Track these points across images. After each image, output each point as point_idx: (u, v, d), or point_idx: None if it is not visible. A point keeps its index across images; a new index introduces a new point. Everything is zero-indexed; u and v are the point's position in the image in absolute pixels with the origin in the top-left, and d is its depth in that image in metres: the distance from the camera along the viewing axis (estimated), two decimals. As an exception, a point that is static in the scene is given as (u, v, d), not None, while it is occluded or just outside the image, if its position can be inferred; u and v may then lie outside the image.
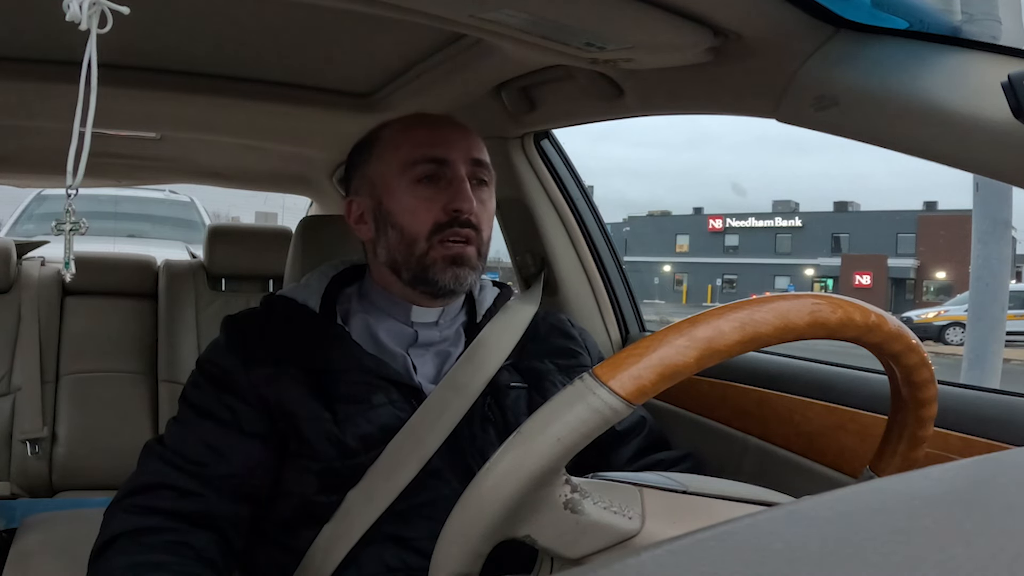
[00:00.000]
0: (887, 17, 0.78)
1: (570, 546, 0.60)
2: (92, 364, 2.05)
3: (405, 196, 0.95)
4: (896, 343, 0.62)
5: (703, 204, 49.94)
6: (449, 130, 0.99)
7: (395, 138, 0.99)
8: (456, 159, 0.95)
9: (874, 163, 76.59)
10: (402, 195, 0.95)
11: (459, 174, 0.95)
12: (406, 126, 1.00)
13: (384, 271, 0.99)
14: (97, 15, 0.57)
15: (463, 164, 0.96)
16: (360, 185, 1.01)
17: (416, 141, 0.96)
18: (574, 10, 0.84)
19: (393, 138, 0.99)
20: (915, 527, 0.29)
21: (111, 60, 1.22)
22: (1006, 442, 0.79)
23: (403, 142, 0.97)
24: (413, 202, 0.95)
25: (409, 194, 0.95)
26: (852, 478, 0.92)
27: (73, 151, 0.61)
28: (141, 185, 4.12)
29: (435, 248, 0.94)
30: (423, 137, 0.97)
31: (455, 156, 0.95)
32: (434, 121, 1.01)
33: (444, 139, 0.97)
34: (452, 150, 0.96)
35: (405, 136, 0.98)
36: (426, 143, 0.96)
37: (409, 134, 0.98)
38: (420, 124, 1.00)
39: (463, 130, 0.99)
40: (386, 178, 0.97)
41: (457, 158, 0.95)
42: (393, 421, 0.90)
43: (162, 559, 0.81)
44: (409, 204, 0.95)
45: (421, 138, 0.97)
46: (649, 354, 0.55)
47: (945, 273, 31.89)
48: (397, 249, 0.96)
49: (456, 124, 1.00)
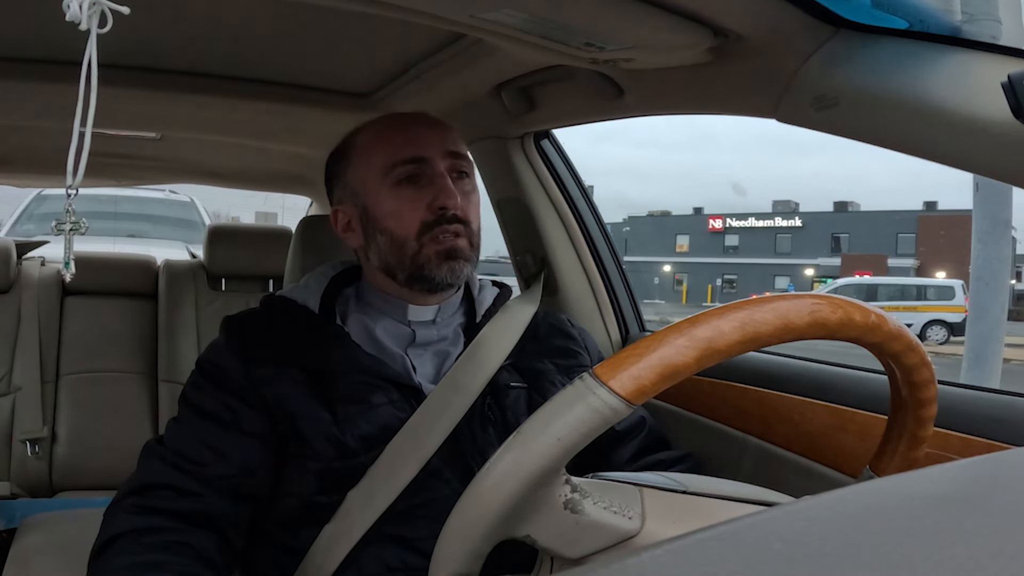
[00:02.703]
0: (887, 17, 0.78)
1: (570, 546, 0.60)
2: (92, 364, 2.05)
3: (388, 200, 0.95)
4: (896, 343, 0.62)
5: (703, 204, 49.97)
6: (423, 127, 0.98)
7: (370, 143, 0.98)
8: (434, 156, 0.95)
9: (874, 163, 76.67)
10: (385, 199, 0.95)
11: (439, 170, 0.95)
12: (380, 129, 0.99)
13: (379, 274, 0.99)
14: (97, 15, 0.57)
15: (441, 159, 0.95)
16: (343, 194, 1.01)
17: (392, 143, 0.96)
18: (574, 10, 0.84)
19: (368, 143, 0.98)
20: (915, 527, 0.29)
21: (111, 60, 1.22)
22: (1006, 442, 0.79)
23: (379, 146, 0.97)
24: (397, 205, 0.95)
25: (392, 197, 0.95)
26: (852, 478, 0.92)
27: (73, 151, 0.61)
28: (141, 185, 4.13)
29: (427, 246, 0.94)
30: (398, 138, 0.96)
31: (432, 153, 0.95)
32: (407, 120, 1.00)
33: (419, 137, 0.96)
34: (428, 147, 0.95)
35: (380, 140, 0.98)
36: (402, 144, 0.95)
37: (384, 137, 0.98)
38: (393, 125, 1.00)
39: (437, 125, 0.99)
40: (367, 184, 0.97)
41: (435, 155, 0.95)
42: (393, 421, 0.90)
43: (161, 559, 0.81)
44: (394, 207, 0.95)
45: (396, 140, 0.96)
46: (649, 354, 0.55)
47: (945, 273, 31.87)
48: (389, 253, 0.96)
49: (430, 119, 1.00)
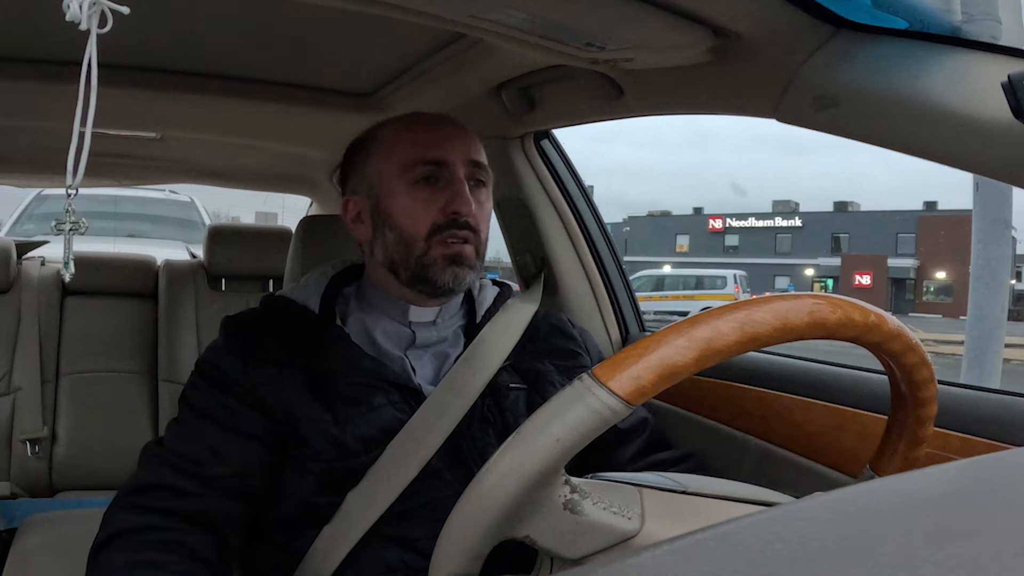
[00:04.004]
0: (887, 17, 0.78)
1: (570, 546, 0.60)
2: (92, 364, 2.05)
3: (403, 197, 0.95)
4: (895, 343, 0.62)
5: (703, 204, 49.88)
6: (448, 131, 0.98)
7: (393, 138, 0.98)
8: (455, 161, 0.95)
9: (874, 163, 76.65)
10: (400, 196, 0.95)
11: (457, 176, 0.95)
12: (404, 126, 0.99)
13: (381, 271, 0.99)
14: (97, 15, 0.57)
15: (461, 166, 0.95)
16: (357, 184, 1.01)
17: (414, 142, 0.96)
18: (574, 10, 0.84)
19: (391, 138, 0.98)
20: (915, 527, 0.29)
21: (111, 60, 1.22)
22: (1006, 442, 0.79)
23: (401, 143, 0.97)
24: (411, 204, 0.94)
25: (407, 195, 0.95)
26: (852, 478, 0.92)
27: (73, 151, 0.61)
28: (141, 185, 4.12)
29: (434, 248, 0.94)
30: (422, 138, 0.96)
31: (453, 158, 0.95)
32: (432, 121, 1.00)
33: (443, 140, 0.96)
34: (451, 152, 0.95)
35: (403, 137, 0.97)
36: (424, 144, 0.95)
37: (407, 134, 0.97)
38: (418, 124, 0.99)
39: (462, 131, 0.99)
40: (384, 178, 0.97)
41: (456, 160, 0.95)
42: (393, 422, 0.90)
43: (159, 558, 0.81)
44: (407, 206, 0.95)
45: (420, 139, 0.96)
46: (648, 355, 0.55)
47: (945, 273, 31.88)
48: (395, 250, 0.96)
49: (455, 124, 1.00)
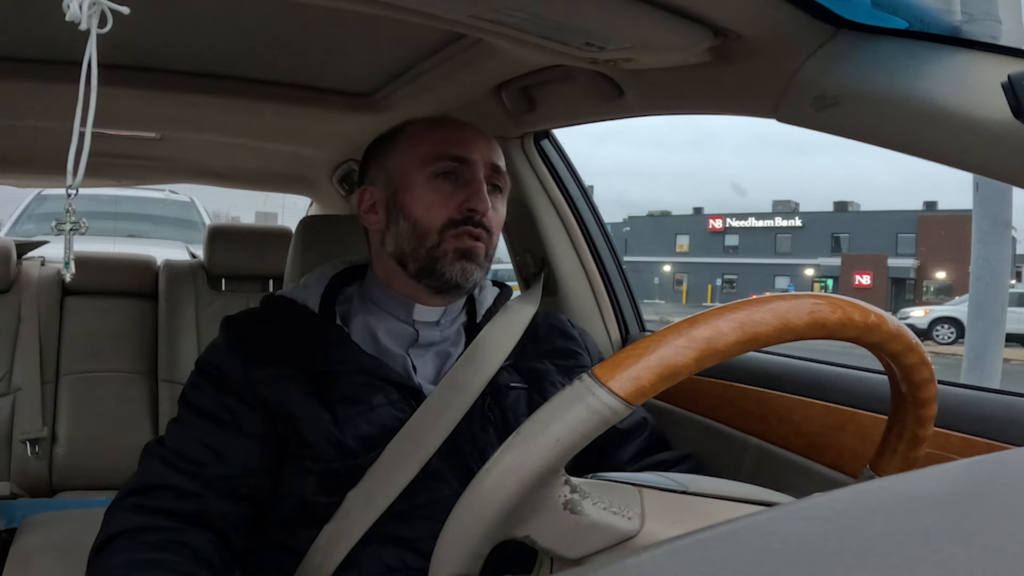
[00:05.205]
0: (887, 17, 0.78)
1: (570, 546, 0.60)
2: (92, 364, 2.05)
3: (423, 189, 0.96)
4: (895, 343, 0.62)
5: (703, 204, 50.01)
6: (473, 133, 1.01)
7: (421, 133, 1.00)
8: (477, 160, 0.97)
9: (874, 163, 76.71)
10: (420, 188, 0.97)
11: (478, 175, 0.97)
12: (431, 124, 1.02)
13: (390, 263, 1.00)
14: (97, 15, 0.57)
15: (483, 167, 0.97)
16: (376, 175, 1.02)
17: (441, 138, 0.98)
18: (574, 10, 0.84)
19: (418, 133, 1.01)
20: (915, 527, 0.29)
21: (111, 60, 1.22)
22: (1006, 442, 0.79)
23: (429, 137, 0.99)
24: (430, 196, 0.96)
25: (427, 188, 0.96)
26: (852, 478, 0.92)
27: (73, 151, 0.61)
28: (141, 185, 4.12)
29: (447, 241, 0.95)
30: (447, 135, 0.99)
31: (476, 158, 0.97)
32: (460, 123, 1.03)
33: (468, 140, 0.98)
34: (474, 151, 0.97)
35: (431, 133, 1.00)
36: (450, 141, 0.98)
37: (434, 131, 1.00)
38: (447, 123, 1.03)
39: (486, 136, 1.02)
40: (405, 170, 0.98)
41: (478, 160, 0.97)
42: (393, 422, 0.90)
43: (159, 557, 0.81)
44: (426, 197, 0.96)
45: (445, 136, 0.99)
46: (648, 355, 0.55)
47: (945, 273, 31.88)
48: (407, 240, 0.97)
49: (480, 130, 1.03)
